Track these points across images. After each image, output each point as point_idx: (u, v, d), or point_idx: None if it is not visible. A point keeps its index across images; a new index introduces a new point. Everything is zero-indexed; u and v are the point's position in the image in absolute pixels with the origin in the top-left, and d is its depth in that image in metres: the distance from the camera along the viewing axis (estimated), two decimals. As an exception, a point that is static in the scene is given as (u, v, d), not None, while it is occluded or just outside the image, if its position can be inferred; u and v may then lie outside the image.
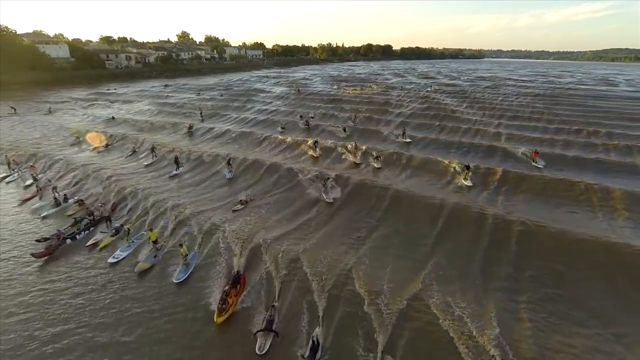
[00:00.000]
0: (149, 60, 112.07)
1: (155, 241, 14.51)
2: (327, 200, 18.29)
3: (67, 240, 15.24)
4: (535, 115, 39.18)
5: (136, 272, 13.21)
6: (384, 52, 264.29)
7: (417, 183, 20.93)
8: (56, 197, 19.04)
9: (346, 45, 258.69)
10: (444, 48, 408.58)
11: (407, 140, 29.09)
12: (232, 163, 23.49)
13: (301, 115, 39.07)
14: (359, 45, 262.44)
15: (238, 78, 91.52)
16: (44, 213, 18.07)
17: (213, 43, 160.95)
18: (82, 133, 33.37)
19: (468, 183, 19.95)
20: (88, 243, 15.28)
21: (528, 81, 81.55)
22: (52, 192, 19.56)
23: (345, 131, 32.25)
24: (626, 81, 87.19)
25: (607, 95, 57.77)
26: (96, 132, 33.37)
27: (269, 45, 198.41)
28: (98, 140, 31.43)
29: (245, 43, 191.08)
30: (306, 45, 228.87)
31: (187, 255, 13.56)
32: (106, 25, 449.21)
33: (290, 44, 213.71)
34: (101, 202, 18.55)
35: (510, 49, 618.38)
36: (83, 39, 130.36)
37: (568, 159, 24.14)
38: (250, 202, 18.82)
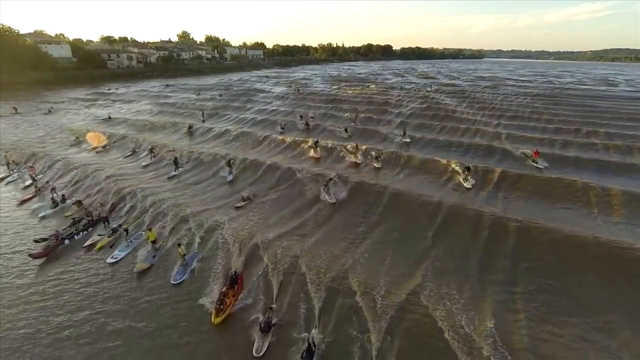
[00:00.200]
0: (150, 60, 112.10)
1: (154, 241, 14.51)
2: (330, 201, 18.15)
3: (66, 240, 15.23)
4: (534, 115, 39.09)
5: (135, 272, 13.19)
6: (384, 52, 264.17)
7: (417, 183, 20.88)
8: (54, 198, 19.00)
9: (346, 45, 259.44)
10: (444, 48, 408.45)
11: (407, 140, 29.03)
12: (233, 164, 23.40)
13: (301, 115, 38.98)
14: (359, 45, 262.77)
15: (238, 78, 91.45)
16: (42, 213, 18.04)
17: (214, 43, 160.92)
18: (82, 133, 33.36)
19: (468, 185, 19.73)
20: (85, 244, 15.25)
21: (528, 81, 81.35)
22: (51, 193, 19.54)
23: (347, 132, 32.11)
24: (626, 81, 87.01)
25: (607, 95, 57.64)
26: (96, 132, 33.36)
27: (270, 45, 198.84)
28: (97, 140, 31.41)
29: (245, 43, 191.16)
30: (306, 45, 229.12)
31: (186, 255, 13.53)
32: (106, 25, 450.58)
33: (290, 44, 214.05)
34: (100, 203, 18.49)
35: (510, 49, 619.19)
36: (84, 39, 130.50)
37: (567, 159, 24.04)
38: (252, 199, 18.94)
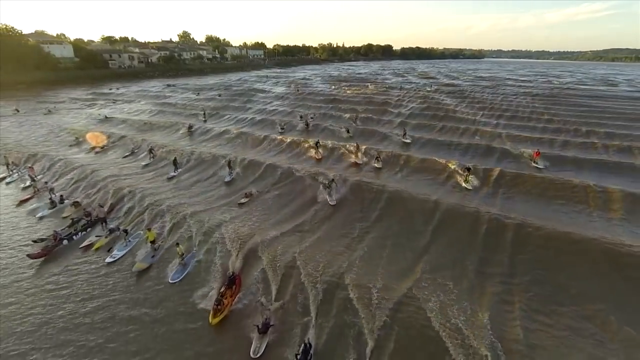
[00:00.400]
0: (152, 60, 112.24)
1: (153, 241, 14.50)
2: (330, 202, 18.10)
3: (64, 241, 15.23)
4: (534, 115, 39.09)
5: (134, 272, 13.20)
6: (384, 52, 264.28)
7: (417, 183, 20.87)
8: (52, 198, 18.99)
9: (347, 45, 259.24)
10: (444, 48, 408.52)
11: (408, 140, 29.01)
12: (233, 165, 23.35)
13: (301, 115, 38.94)
14: (360, 45, 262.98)
15: (239, 78, 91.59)
16: (40, 214, 18.04)
17: (214, 43, 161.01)
18: (81, 133, 33.37)
19: (468, 186, 19.64)
20: (81, 245, 15.22)
21: (528, 81, 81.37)
22: (49, 194, 19.51)
23: (348, 132, 32.02)
24: (626, 81, 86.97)
25: (607, 95, 57.60)
26: (95, 133, 33.36)
27: (270, 45, 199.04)
28: (97, 140, 31.42)
29: (246, 43, 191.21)
30: (307, 45, 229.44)
31: (184, 255, 13.52)
32: (106, 25, 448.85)
33: (291, 44, 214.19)
34: (99, 204, 18.38)
35: (510, 49, 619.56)
36: (85, 39, 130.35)
37: (567, 159, 24.01)
38: (255, 195, 19.38)
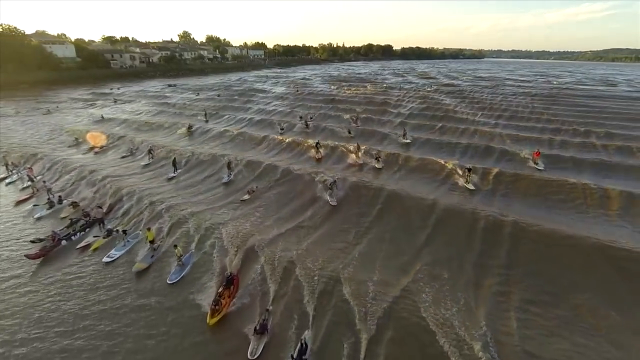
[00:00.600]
0: (153, 60, 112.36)
1: (152, 241, 14.48)
2: (332, 203, 18.08)
3: (63, 241, 15.21)
4: (534, 115, 39.05)
5: (133, 272, 13.21)
6: (384, 52, 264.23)
7: (416, 183, 20.86)
8: (50, 199, 18.96)
9: (347, 45, 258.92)
10: (444, 48, 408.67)
11: (408, 140, 28.99)
12: (232, 166, 23.28)
13: (301, 116, 38.86)
14: (360, 45, 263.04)
15: (239, 78, 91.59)
16: (38, 214, 18.01)
17: (215, 43, 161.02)
18: (81, 134, 33.37)
19: (470, 187, 19.59)
20: (78, 245, 15.19)
21: (527, 81, 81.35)
22: (47, 194, 19.47)
23: (350, 133, 31.88)
24: (626, 81, 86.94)
25: (606, 95, 57.58)
26: (95, 133, 33.34)
27: (270, 45, 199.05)
28: (96, 141, 31.42)
29: (246, 43, 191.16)
30: (307, 45, 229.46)
31: (182, 255, 13.52)
32: (106, 25, 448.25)
33: (291, 44, 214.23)
34: (97, 204, 18.40)
35: (510, 49, 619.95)
36: (85, 39, 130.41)
37: (566, 159, 24.00)
38: (257, 191, 19.84)
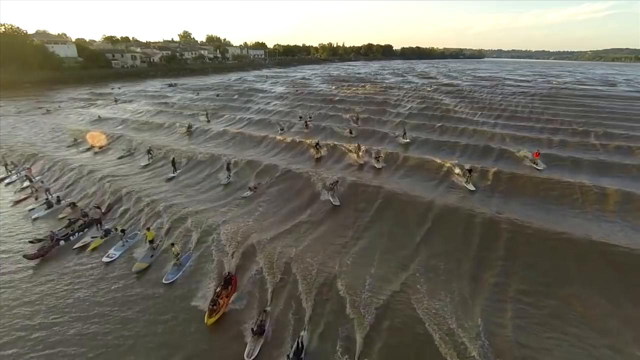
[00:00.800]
0: (154, 59, 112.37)
1: (152, 241, 14.52)
2: (334, 203, 18.04)
3: (61, 241, 15.21)
4: (533, 115, 39.03)
5: (132, 272, 13.24)
6: (385, 52, 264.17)
7: (416, 183, 20.85)
8: (48, 199, 18.94)
9: (347, 45, 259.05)
10: (445, 48, 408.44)
11: (407, 140, 29.00)
12: (231, 167, 23.23)
13: (300, 116, 38.83)
14: (360, 45, 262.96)
15: (239, 77, 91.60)
16: (36, 215, 17.99)
17: (215, 43, 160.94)
18: (80, 134, 33.37)
19: (471, 187, 19.58)
20: (76, 246, 15.19)
21: (527, 81, 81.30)
22: (46, 194, 19.46)
23: (351, 133, 31.84)
24: (625, 81, 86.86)
25: (606, 95, 57.54)
26: (94, 133, 33.33)
27: (270, 45, 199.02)
28: (96, 141, 31.42)
29: (246, 43, 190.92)
30: (307, 45, 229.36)
31: (179, 255, 13.51)
32: (106, 24, 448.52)
33: (291, 44, 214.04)
34: (95, 205, 18.38)
35: (510, 49, 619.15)
36: (86, 39, 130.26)
37: (566, 159, 23.97)
38: (258, 188, 20.07)
